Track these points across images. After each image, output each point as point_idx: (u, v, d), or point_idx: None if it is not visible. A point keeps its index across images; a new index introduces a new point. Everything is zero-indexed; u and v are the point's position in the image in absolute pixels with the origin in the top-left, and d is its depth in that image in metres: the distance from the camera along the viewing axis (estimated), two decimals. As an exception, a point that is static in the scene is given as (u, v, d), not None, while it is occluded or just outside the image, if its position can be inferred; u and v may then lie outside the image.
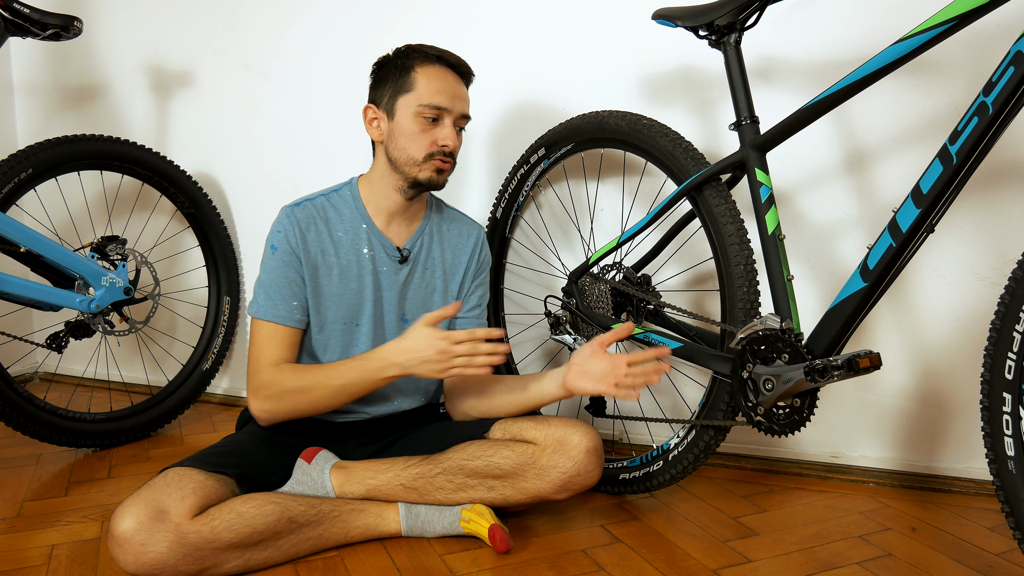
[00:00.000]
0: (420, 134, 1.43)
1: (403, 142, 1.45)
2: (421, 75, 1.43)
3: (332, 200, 1.51)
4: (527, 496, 1.36)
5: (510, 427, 1.41)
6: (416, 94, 1.43)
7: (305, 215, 1.47)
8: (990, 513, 1.53)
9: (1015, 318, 1.09)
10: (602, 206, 1.85)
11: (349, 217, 1.50)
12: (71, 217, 2.27)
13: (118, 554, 1.18)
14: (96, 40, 2.29)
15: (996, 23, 1.45)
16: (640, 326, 1.54)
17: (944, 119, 1.55)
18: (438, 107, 1.42)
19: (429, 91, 1.42)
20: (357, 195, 1.52)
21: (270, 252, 1.46)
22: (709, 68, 1.71)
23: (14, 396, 1.73)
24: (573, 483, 1.35)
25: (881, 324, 1.66)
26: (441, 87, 1.43)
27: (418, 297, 1.55)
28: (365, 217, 1.51)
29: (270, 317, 1.44)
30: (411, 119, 1.43)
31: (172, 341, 2.32)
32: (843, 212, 1.66)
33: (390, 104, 1.46)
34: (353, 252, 1.49)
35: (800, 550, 1.38)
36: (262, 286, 1.46)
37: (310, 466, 1.41)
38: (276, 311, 1.44)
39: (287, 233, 1.45)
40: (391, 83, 1.46)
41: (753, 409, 1.33)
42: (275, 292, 1.44)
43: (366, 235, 1.50)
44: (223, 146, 2.22)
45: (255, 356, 1.44)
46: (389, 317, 1.52)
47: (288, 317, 1.45)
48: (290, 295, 1.45)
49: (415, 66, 1.44)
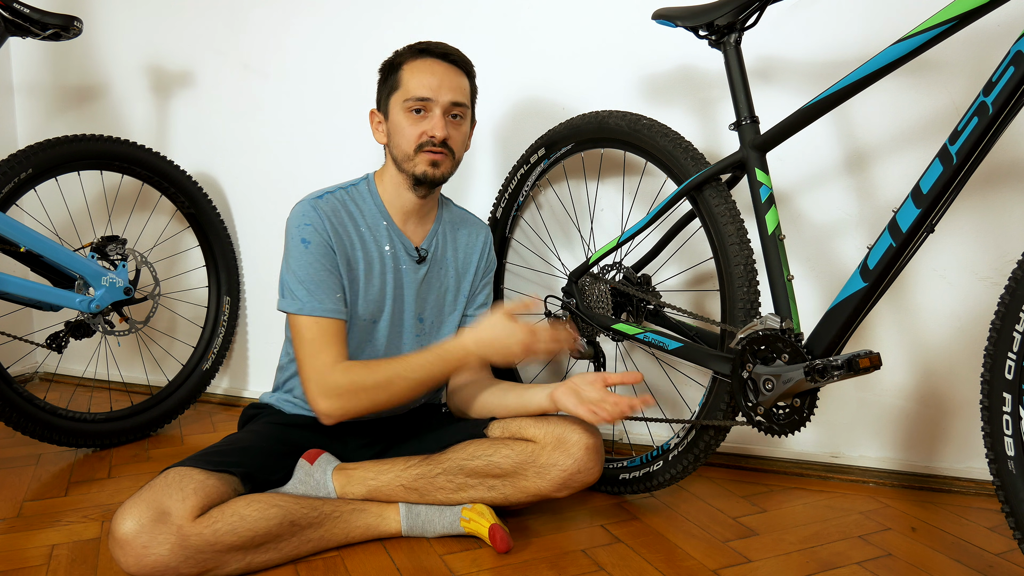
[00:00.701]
0: (408, 127, 1.44)
1: (397, 139, 1.46)
2: (407, 70, 1.45)
3: (351, 194, 1.50)
4: (528, 495, 1.36)
5: (509, 425, 1.42)
6: (403, 90, 1.44)
7: (329, 207, 1.45)
8: (990, 513, 1.53)
9: (1015, 318, 1.09)
10: (602, 206, 1.85)
11: (370, 213, 1.49)
12: (71, 217, 2.27)
13: (119, 556, 1.18)
14: (96, 40, 2.29)
15: (996, 23, 1.45)
16: (640, 326, 1.54)
17: (944, 119, 1.55)
18: (420, 98, 1.42)
19: (412, 84, 1.43)
20: (375, 191, 1.52)
21: (302, 246, 1.41)
22: (709, 68, 1.71)
23: (14, 396, 1.73)
24: (574, 480, 1.35)
25: (881, 324, 1.66)
26: (424, 79, 1.43)
27: (433, 296, 1.56)
28: (385, 214, 1.50)
29: (318, 312, 1.39)
30: (400, 115, 1.44)
31: (172, 341, 2.32)
32: (843, 212, 1.66)
33: (385, 106, 1.48)
34: (376, 249, 1.48)
35: (800, 550, 1.38)
36: (300, 282, 1.40)
37: (312, 467, 1.41)
38: (323, 305, 1.40)
39: (316, 225, 1.42)
40: (385, 86, 1.48)
41: (753, 409, 1.33)
42: (316, 286, 1.40)
43: (387, 232, 1.50)
44: (223, 146, 2.22)
45: (311, 356, 1.38)
46: (408, 315, 1.53)
47: (336, 310, 1.41)
48: (334, 287, 1.42)
49: (403, 63, 1.46)
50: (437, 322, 1.58)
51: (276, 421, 1.51)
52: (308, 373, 1.39)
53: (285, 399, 1.55)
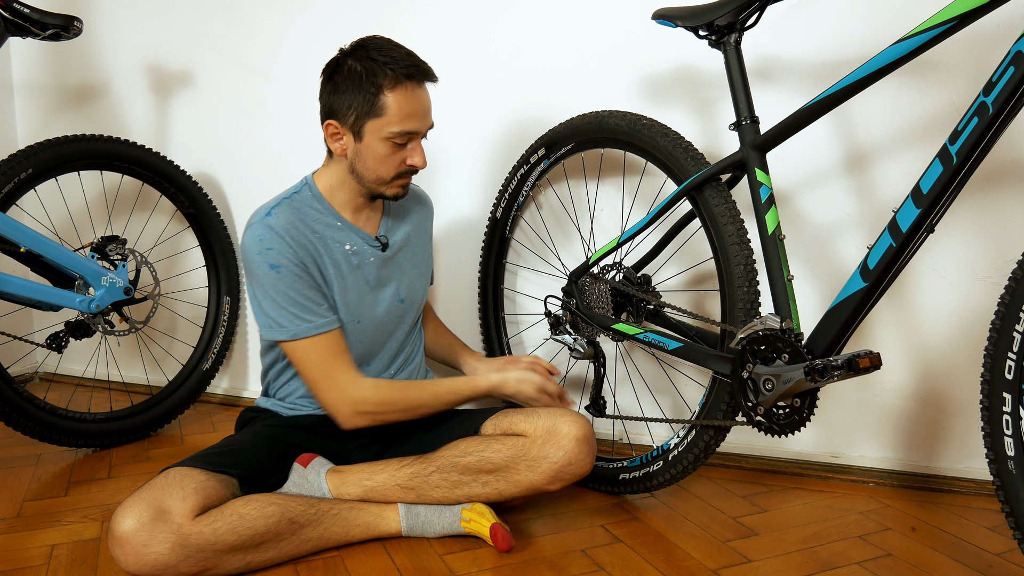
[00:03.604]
0: (390, 156, 1.39)
1: (372, 163, 1.41)
2: (391, 99, 1.35)
3: (296, 203, 1.44)
4: (521, 488, 1.36)
5: (500, 422, 1.43)
6: (386, 119, 1.35)
7: (284, 223, 1.39)
8: (990, 513, 1.53)
9: (1015, 318, 1.09)
10: (602, 206, 1.85)
11: (321, 218, 1.45)
12: (71, 217, 2.27)
13: (119, 554, 1.18)
14: (96, 40, 2.29)
15: (996, 23, 1.45)
16: (640, 326, 1.54)
17: (944, 119, 1.55)
18: (410, 132, 1.38)
19: (400, 117, 1.35)
20: (319, 195, 1.47)
21: (272, 273, 1.37)
22: (709, 68, 1.71)
23: (14, 396, 1.73)
24: (565, 472, 1.35)
25: (881, 324, 1.66)
26: (412, 110, 1.36)
27: (407, 276, 1.57)
28: (336, 215, 1.47)
29: (313, 332, 1.39)
30: (380, 143, 1.38)
31: (172, 341, 2.32)
32: (843, 212, 1.66)
33: (357, 126, 1.38)
34: (339, 251, 1.46)
35: (800, 550, 1.38)
36: (283, 308, 1.37)
37: (306, 470, 1.41)
38: (315, 323, 1.39)
39: (278, 247, 1.37)
40: (356, 103, 1.36)
41: (753, 409, 1.33)
42: (301, 308, 1.38)
43: (343, 232, 1.47)
44: (223, 146, 2.22)
45: (324, 378, 1.40)
46: (386, 303, 1.53)
47: (329, 322, 1.41)
48: (318, 300, 1.41)
49: (383, 88, 1.35)
50: (414, 295, 1.59)
51: (274, 423, 1.51)
52: (326, 395, 1.41)
53: (279, 404, 1.55)
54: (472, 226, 1.97)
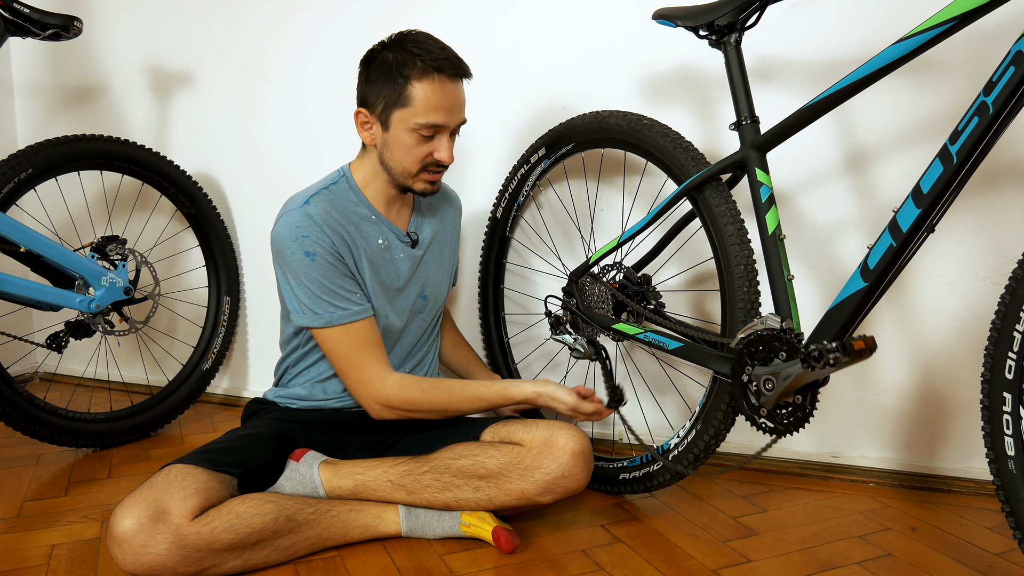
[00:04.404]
0: (415, 147, 1.40)
1: (398, 154, 1.41)
2: (419, 89, 1.35)
3: (333, 193, 1.46)
4: (512, 497, 1.34)
5: (499, 430, 1.42)
6: (412, 110, 1.36)
7: (321, 211, 1.40)
8: (990, 513, 1.53)
9: (1015, 318, 1.09)
10: (602, 206, 1.85)
11: (356, 210, 1.47)
12: (71, 217, 2.27)
13: (117, 553, 1.18)
14: (96, 40, 2.29)
15: (996, 23, 1.45)
16: (640, 326, 1.54)
17: (944, 119, 1.55)
18: (435, 125, 1.37)
19: (427, 108, 1.36)
20: (356, 187, 1.48)
21: (307, 261, 1.37)
22: (709, 68, 1.71)
23: (14, 396, 1.73)
24: (558, 485, 1.33)
25: (881, 324, 1.66)
26: (439, 102, 1.36)
27: (432, 273, 1.58)
28: (371, 208, 1.48)
29: (347, 320, 1.39)
30: (405, 133, 1.38)
31: (172, 341, 2.32)
32: (843, 212, 1.66)
33: (384, 115, 1.39)
34: (373, 245, 1.47)
35: (800, 550, 1.38)
36: (317, 296, 1.38)
37: (299, 463, 1.41)
38: (350, 311, 1.39)
39: (314, 235, 1.37)
40: (384, 92, 1.38)
41: (756, 411, 1.32)
42: (335, 296, 1.39)
43: (377, 225, 1.48)
44: (223, 146, 2.22)
45: (354, 368, 1.40)
46: (410, 299, 1.54)
47: (363, 310, 1.41)
48: (353, 288, 1.42)
49: (411, 79, 1.35)
50: (437, 294, 1.60)
51: (279, 417, 1.51)
52: (354, 387, 1.42)
53: (288, 398, 1.55)
54: (472, 226, 1.97)
